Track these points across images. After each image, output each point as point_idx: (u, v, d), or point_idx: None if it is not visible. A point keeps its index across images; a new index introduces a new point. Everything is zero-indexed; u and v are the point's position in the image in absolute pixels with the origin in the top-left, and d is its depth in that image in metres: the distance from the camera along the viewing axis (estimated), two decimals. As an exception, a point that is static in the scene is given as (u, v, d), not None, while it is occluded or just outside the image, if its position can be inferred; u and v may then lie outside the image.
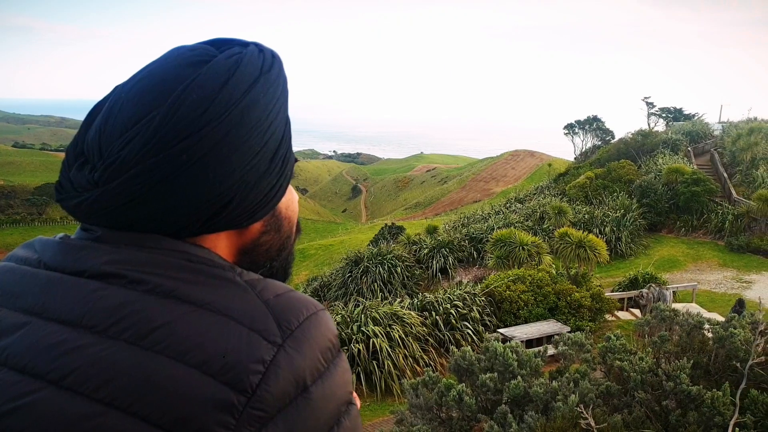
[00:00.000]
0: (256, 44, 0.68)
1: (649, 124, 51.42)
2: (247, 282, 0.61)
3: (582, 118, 60.96)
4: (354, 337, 10.62)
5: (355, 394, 0.87)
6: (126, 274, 0.58)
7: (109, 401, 0.52)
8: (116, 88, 0.65)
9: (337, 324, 11.07)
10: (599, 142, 56.92)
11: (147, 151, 0.58)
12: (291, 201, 0.75)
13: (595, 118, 59.73)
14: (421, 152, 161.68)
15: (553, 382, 6.04)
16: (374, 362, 10.28)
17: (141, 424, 0.51)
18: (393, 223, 34.75)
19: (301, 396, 0.57)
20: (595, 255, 14.90)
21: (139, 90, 0.61)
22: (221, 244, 0.67)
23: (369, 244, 27.41)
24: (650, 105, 54.01)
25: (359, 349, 10.33)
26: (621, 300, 14.65)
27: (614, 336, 6.86)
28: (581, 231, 16.79)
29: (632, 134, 39.01)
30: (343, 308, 12.39)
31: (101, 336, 0.55)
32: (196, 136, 0.58)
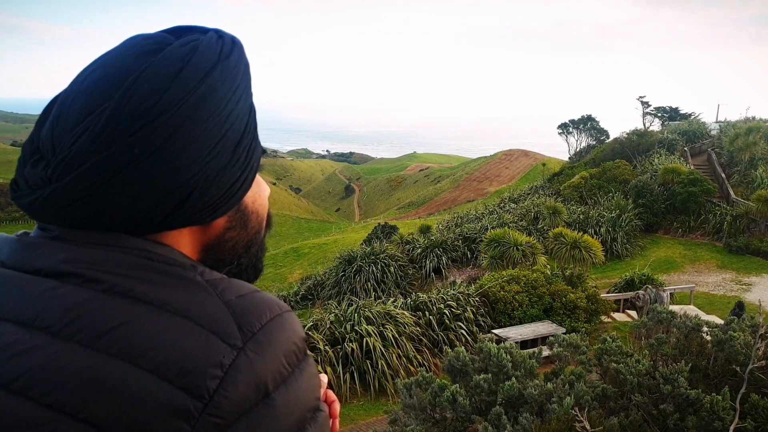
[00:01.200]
0: (217, 30, 0.65)
1: (644, 124, 51.74)
2: (208, 281, 0.59)
3: (576, 117, 61.23)
4: (347, 336, 10.56)
5: (333, 396, 0.84)
6: (82, 272, 0.56)
7: (58, 407, 0.49)
8: (72, 81, 0.62)
9: (331, 323, 11.01)
10: (594, 142, 57.23)
11: (98, 145, 0.56)
12: (258, 195, 0.71)
13: (590, 118, 60.02)
14: (414, 152, 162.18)
15: (548, 383, 5.99)
16: (368, 361, 10.23)
17: (90, 431, 0.49)
18: (386, 223, 34.74)
19: (262, 402, 0.54)
20: (590, 256, 14.88)
21: (91, 82, 0.59)
22: (184, 241, 0.64)
23: (362, 244, 27.36)
24: (645, 104, 54.31)
25: (353, 348, 10.27)
26: (617, 301, 14.64)
27: (610, 338, 6.81)
28: (576, 231, 16.80)
29: (627, 134, 39.23)
30: (336, 307, 12.32)
31: (54, 337, 0.53)
32: (149, 128, 0.56)
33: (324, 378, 0.87)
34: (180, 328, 0.54)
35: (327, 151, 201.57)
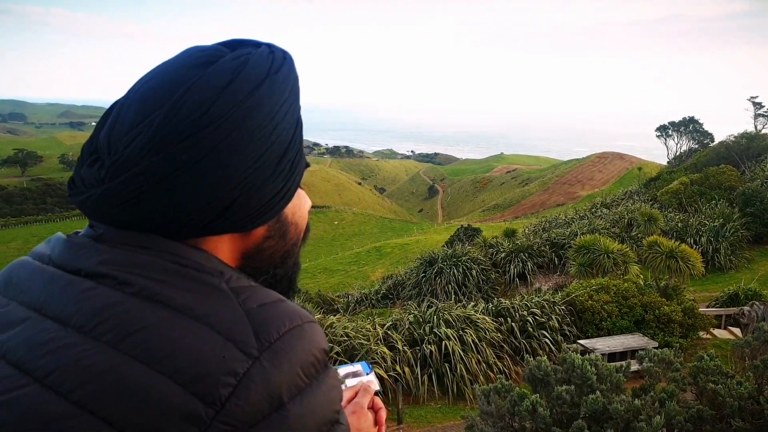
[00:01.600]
0: (269, 45, 0.67)
1: (755, 127, 47.96)
2: (232, 289, 0.60)
3: (677, 119, 57.76)
4: (426, 337, 10.53)
5: (380, 403, 0.86)
6: (116, 275, 0.58)
7: (82, 404, 0.51)
8: (130, 88, 0.66)
9: (410, 323, 11.01)
10: (696, 146, 53.79)
11: (148, 150, 0.58)
12: (299, 207, 0.73)
13: (692, 120, 56.41)
14: (501, 153, 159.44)
15: (636, 400, 5.68)
16: (446, 365, 10.16)
17: (108, 430, 0.51)
18: (469, 225, 34.42)
19: (276, 413, 0.54)
20: (687, 266, 13.95)
21: (146, 90, 0.61)
22: (224, 247, 0.66)
23: (444, 245, 27.26)
24: (758, 105, 50.33)
25: (431, 351, 10.23)
26: (718, 317, 13.67)
27: (708, 356, 6.37)
28: (673, 240, 15.81)
29: (735, 137, 36.61)
30: (416, 308, 12.32)
31: (86, 336, 0.55)
32: (196, 137, 0.58)
33: (373, 386, 0.86)
34: (199, 334, 0.54)
35: (412, 151, 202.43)
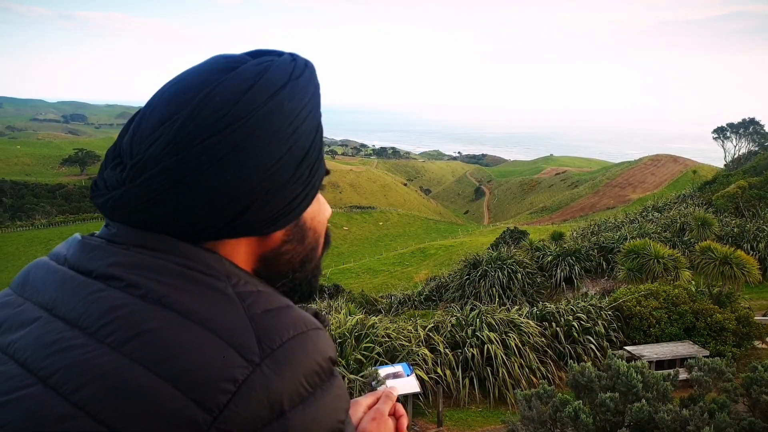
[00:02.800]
0: (292, 54, 0.69)
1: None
2: (238, 293, 0.59)
3: (736, 120, 55.38)
4: (468, 340, 10.48)
5: (401, 410, 0.84)
6: (125, 276, 0.59)
7: (81, 405, 0.51)
8: (155, 93, 0.67)
9: (452, 326, 10.99)
10: (756, 148, 51.48)
11: (168, 151, 0.59)
12: (318, 212, 0.73)
13: (752, 121, 54.01)
14: (551, 154, 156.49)
15: (684, 410, 5.53)
16: (488, 368, 10.08)
17: None
18: (516, 227, 33.96)
19: (276, 421, 0.53)
20: (743, 273, 13.39)
21: (170, 94, 0.63)
22: (241, 250, 0.66)
23: (489, 248, 26.97)
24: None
25: (473, 354, 10.18)
26: (775, 326, 13.02)
27: (762, 366, 6.13)
28: (728, 246, 15.22)
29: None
30: (458, 311, 12.26)
31: (91, 338, 0.55)
32: (216, 137, 0.59)
33: (394, 391, 0.86)
34: (201, 338, 0.54)
35: (458, 152, 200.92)
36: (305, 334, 0.59)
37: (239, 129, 0.60)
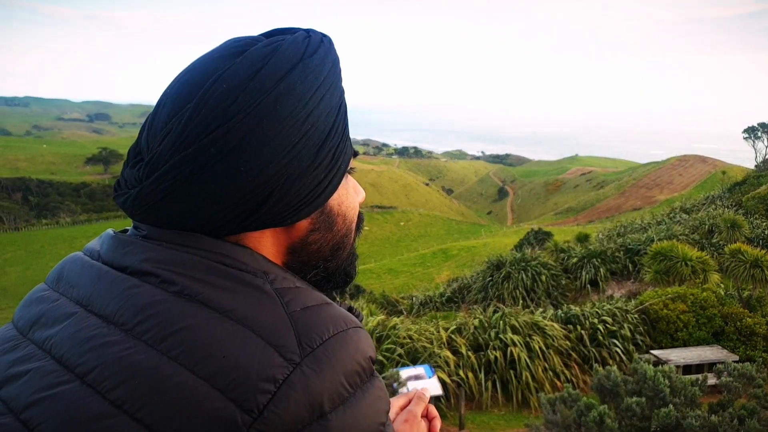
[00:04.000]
0: (307, 30, 0.65)
1: None
2: (276, 290, 0.57)
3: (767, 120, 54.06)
4: (491, 343, 10.42)
5: (434, 412, 0.82)
6: (160, 273, 0.58)
7: (119, 403, 0.51)
8: (168, 85, 0.65)
9: (474, 328, 10.93)
10: (788, 148, 50.11)
11: (178, 145, 0.57)
12: (346, 196, 0.69)
13: (784, 121, 52.63)
14: (576, 154, 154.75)
15: (713, 416, 5.42)
16: (511, 371, 10.00)
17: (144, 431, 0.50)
18: (540, 228, 33.66)
19: (317, 422, 0.52)
20: (774, 277, 13.09)
21: (180, 85, 0.60)
22: (267, 242, 0.64)
23: (513, 249, 26.78)
24: None
25: (496, 357, 10.11)
26: (808, 331, 12.68)
27: (794, 373, 5.97)
28: (759, 248, 14.86)
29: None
30: (481, 313, 12.19)
31: (127, 334, 0.54)
32: (224, 128, 0.56)
33: (427, 393, 0.84)
34: (239, 337, 0.53)
35: (482, 152, 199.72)
36: (345, 333, 0.57)
37: (247, 117, 0.57)
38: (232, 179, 0.58)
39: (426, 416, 0.82)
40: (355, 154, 0.69)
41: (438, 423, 0.82)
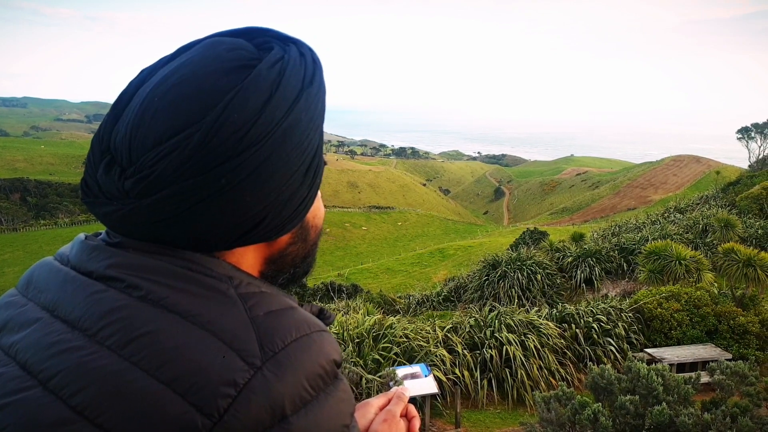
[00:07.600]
0: (296, 44, 0.64)
1: None
2: (240, 295, 0.58)
3: (761, 120, 54.33)
4: (487, 342, 10.45)
5: (413, 412, 0.82)
6: (125, 278, 0.57)
7: (80, 409, 0.51)
8: (144, 75, 0.63)
9: (470, 327, 10.97)
10: (782, 148, 50.31)
11: (184, 170, 0.56)
12: (317, 209, 0.72)
13: (778, 121, 52.85)
14: (572, 155, 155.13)
15: (706, 414, 5.47)
16: (507, 370, 10.03)
17: None
18: (536, 228, 33.71)
19: (278, 426, 0.52)
20: (767, 275, 13.18)
21: (176, 96, 0.58)
22: (249, 255, 0.66)
23: (509, 248, 26.83)
24: None
25: (492, 355, 10.14)
26: (800, 330, 12.76)
27: (786, 370, 6.02)
28: (752, 248, 14.96)
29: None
30: (477, 312, 12.23)
31: (90, 340, 0.54)
32: (236, 160, 0.57)
33: (406, 392, 0.85)
34: (201, 341, 0.53)
35: (478, 152, 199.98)
36: (308, 337, 0.57)
37: (259, 150, 0.57)
38: (236, 208, 0.58)
39: (405, 416, 0.82)
40: (324, 164, 0.69)
41: (417, 423, 0.83)
